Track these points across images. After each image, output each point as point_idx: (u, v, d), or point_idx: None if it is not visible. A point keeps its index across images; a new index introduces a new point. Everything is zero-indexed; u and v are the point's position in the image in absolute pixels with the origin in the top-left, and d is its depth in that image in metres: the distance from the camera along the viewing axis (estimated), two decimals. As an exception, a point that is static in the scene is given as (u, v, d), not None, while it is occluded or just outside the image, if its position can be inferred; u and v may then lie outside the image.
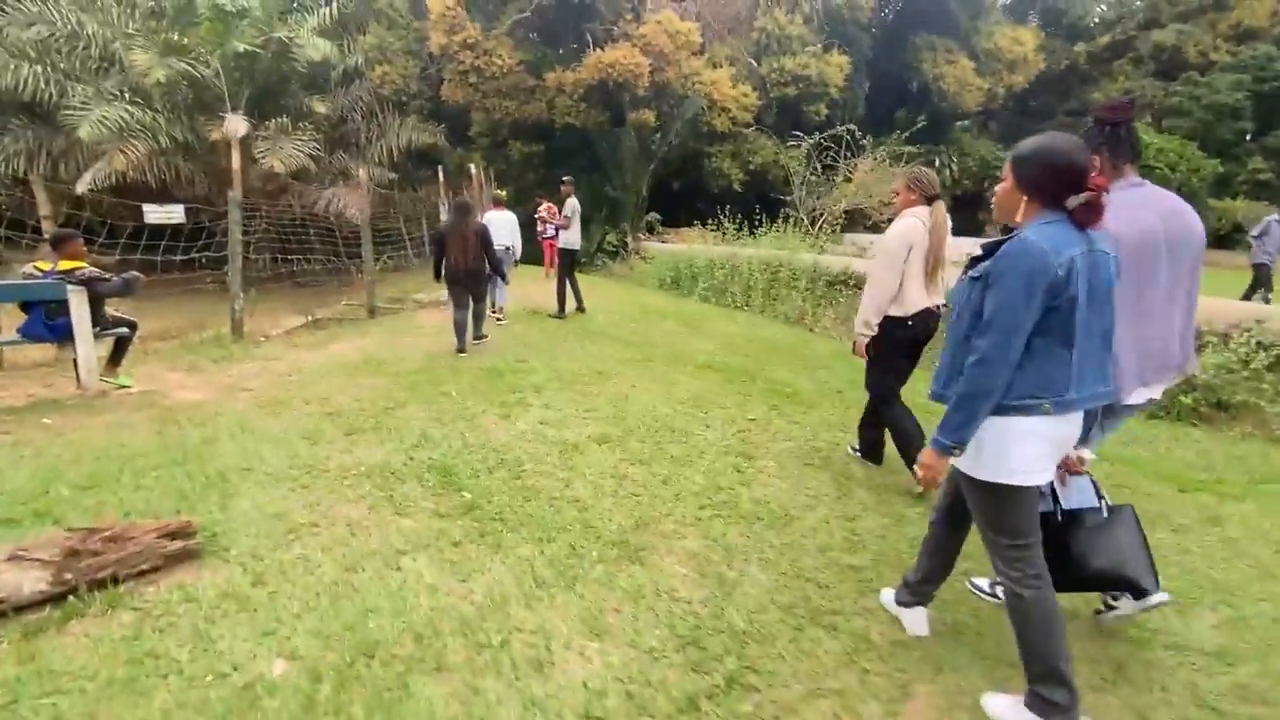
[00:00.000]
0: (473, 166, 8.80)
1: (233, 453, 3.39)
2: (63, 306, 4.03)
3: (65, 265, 4.11)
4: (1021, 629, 1.71)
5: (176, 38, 14.38)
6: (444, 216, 8.09)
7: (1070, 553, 1.94)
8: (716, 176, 21.04)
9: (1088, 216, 1.56)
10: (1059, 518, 1.99)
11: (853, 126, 14.24)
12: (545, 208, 10.58)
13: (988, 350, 1.57)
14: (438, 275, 5.78)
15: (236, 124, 14.09)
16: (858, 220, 14.36)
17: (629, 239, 18.24)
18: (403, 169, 18.57)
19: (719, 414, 4.27)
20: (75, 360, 4.29)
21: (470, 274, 5.69)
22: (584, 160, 20.87)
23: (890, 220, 3.26)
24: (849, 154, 13.93)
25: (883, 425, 3.36)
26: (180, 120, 14.82)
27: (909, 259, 2.96)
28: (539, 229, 10.76)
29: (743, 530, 2.77)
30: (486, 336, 6.18)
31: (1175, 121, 23.69)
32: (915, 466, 1.97)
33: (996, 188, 1.71)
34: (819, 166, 14.46)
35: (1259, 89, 22.59)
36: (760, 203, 16.31)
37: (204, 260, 7.60)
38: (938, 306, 3.09)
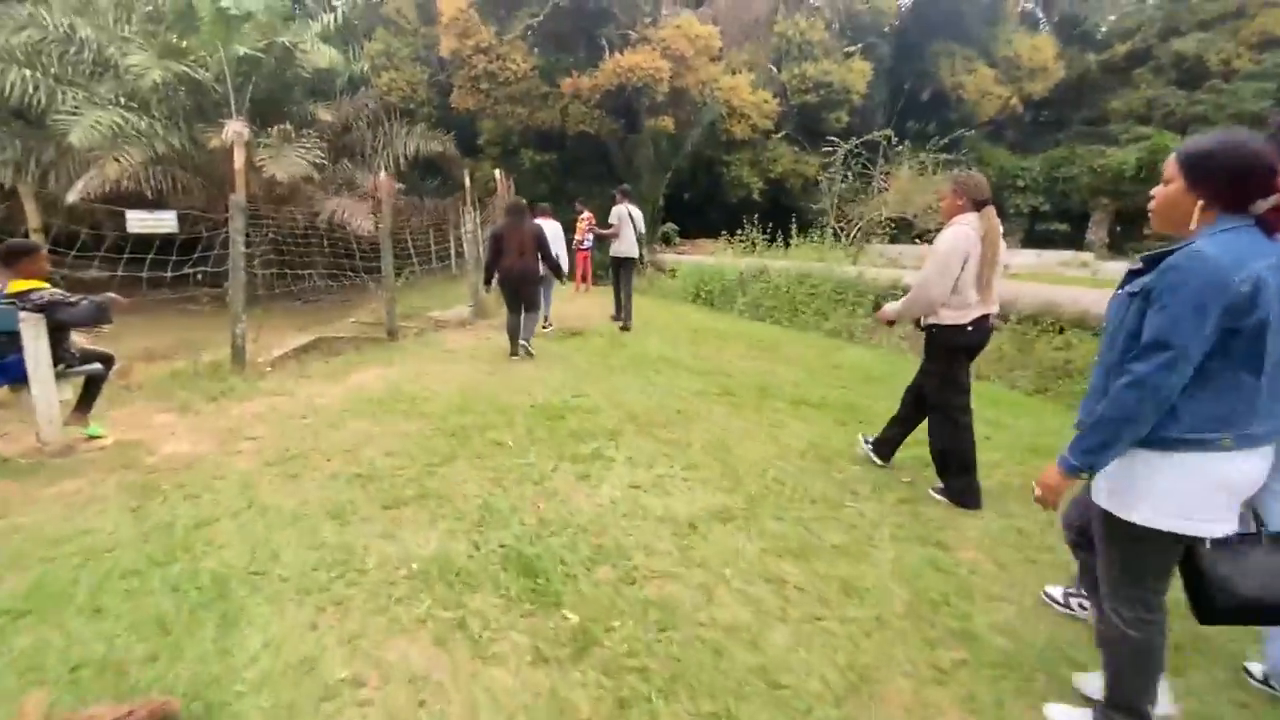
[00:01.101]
0: (497, 173, 7.97)
1: (236, 544, 2.48)
2: (13, 340, 3.13)
3: (18, 286, 3.20)
4: (1116, 663, 1.59)
5: (175, 40, 13.60)
6: (467, 227, 7.24)
7: (1212, 577, 1.54)
8: (735, 186, 20.28)
9: (1277, 221, 1.37)
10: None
11: (889, 132, 13.50)
12: (585, 218, 9.73)
13: (1145, 375, 1.38)
14: (489, 280, 5.66)
15: (237, 129, 13.31)
16: (903, 230, 13.56)
17: (646, 251, 17.41)
18: (410, 179, 17.81)
19: (858, 473, 3.37)
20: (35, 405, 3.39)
21: (525, 277, 5.53)
22: (598, 169, 20.10)
23: (939, 229, 3.11)
24: (884, 161, 13.17)
25: (910, 427, 3.29)
26: (178, 127, 14.03)
27: (964, 268, 2.84)
28: (576, 239, 9.90)
29: (1017, 690, 1.85)
30: (531, 351, 5.81)
31: (1200, 129, 23.08)
32: (1035, 485, 1.64)
33: (1155, 192, 1.48)
34: (851, 175, 13.67)
35: (1286, 96, 21.99)
36: (780, 213, 15.54)
37: (199, 276, 6.72)
38: (993, 315, 3.02)
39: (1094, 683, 1.73)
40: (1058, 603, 2.22)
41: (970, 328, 2.93)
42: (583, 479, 3.15)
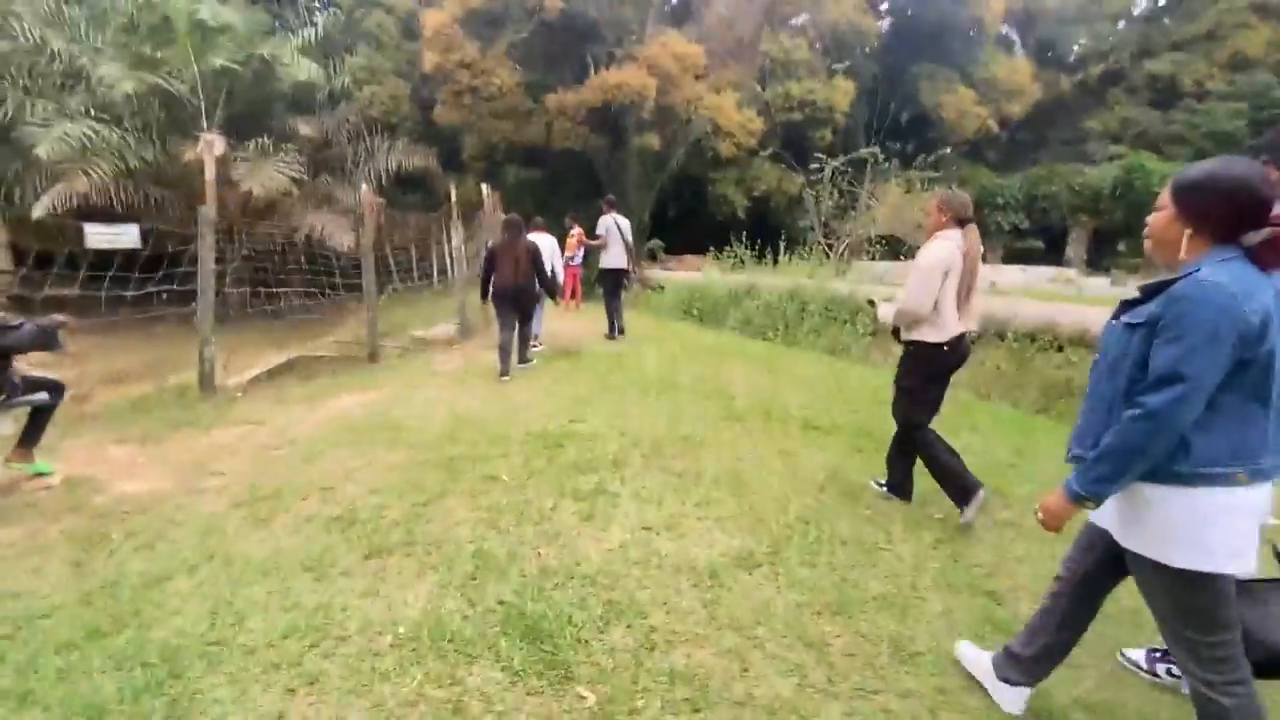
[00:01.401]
0: (485, 188, 7.71)
1: (193, 606, 2.15)
2: (-54, 369, 2.79)
3: (-47, 309, 2.88)
4: None
5: (150, 51, 13.25)
6: (454, 241, 6.97)
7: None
8: (720, 203, 20.27)
9: (1268, 257, 1.35)
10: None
11: (876, 150, 13.52)
12: (576, 233, 9.48)
13: (1160, 407, 1.34)
14: (485, 295, 5.67)
15: (208, 139, 12.94)
16: (891, 247, 13.53)
17: (635, 265, 17.23)
18: (391, 194, 17.50)
19: (885, 509, 3.12)
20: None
21: (520, 292, 5.54)
22: (583, 185, 19.96)
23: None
24: (870, 179, 13.18)
25: (911, 455, 3.19)
26: (151, 140, 13.62)
27: (944, 284, 2.88)
28: (566, 255, 9.64)
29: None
30: (533, 361, 6.01)
31: (1175, 149, 23.63)
32: (1038, 509, 1.62)
33: (1150, 219, 1.49)
34: (838, 192, 13.64)
35: (1258, 116, 22.62)
36: (764, 230, 15.46)
37: (165, 294, 6.33)
38: (971, 334, 3.06)
39: None
40: (1141, 668, 2.00)
41: (947, 347, 2.95)
42: (587, 519, 2.86)
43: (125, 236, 4.74)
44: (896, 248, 14.69)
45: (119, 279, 7.25)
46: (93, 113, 13.07)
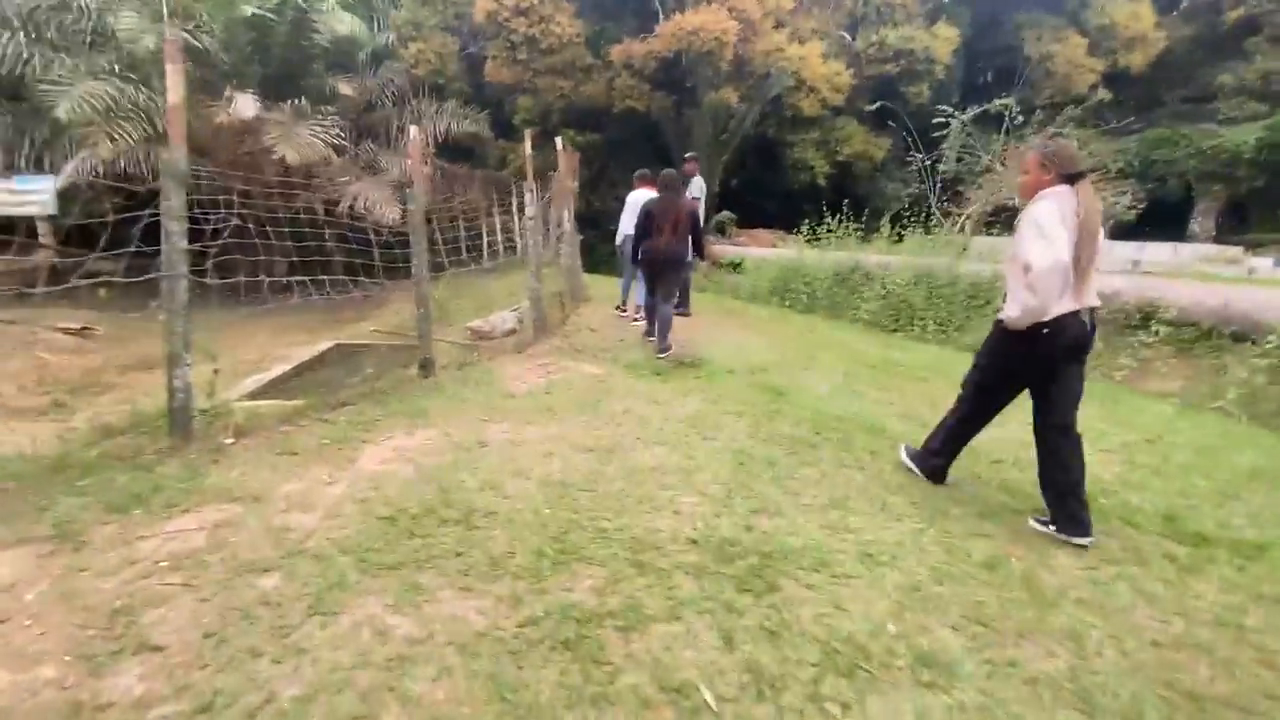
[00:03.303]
0: (559, 141, 6.06)
1: None
2: None
3: None
4: None
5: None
6: (529, 210, 5.36)
7: None
8: (798, 169, 18.07)
9: None
10: None
11: (1010, 101, 11.24)
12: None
13: None
14: (635, 259, 5.39)
15: (244, 104, 11.61)
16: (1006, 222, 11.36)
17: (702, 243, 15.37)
18: (437, 164, 16.03)
19: None
20: None
21: (673, 260, 5.15)
22: (644, 151, 18.03)
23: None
24: (1004, 137, 10.96)
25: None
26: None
27: None
28: None
29: None
30: (670, 348, 5.24)
31: (1331, 105, 20.19)
32: None
33: None
34: (964, 154, 11.46)
35: None
36: (843, 200, 13.27)
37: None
38: (1091, 311, 2.41)
39: None
40: None
41: (1047, 328, 2.35)
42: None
43: (34, 198, 3.26)
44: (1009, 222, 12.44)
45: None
46: (118, 71, 11.91)
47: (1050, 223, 2.29)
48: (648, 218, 5.19)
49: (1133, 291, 7.12)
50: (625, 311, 7.41)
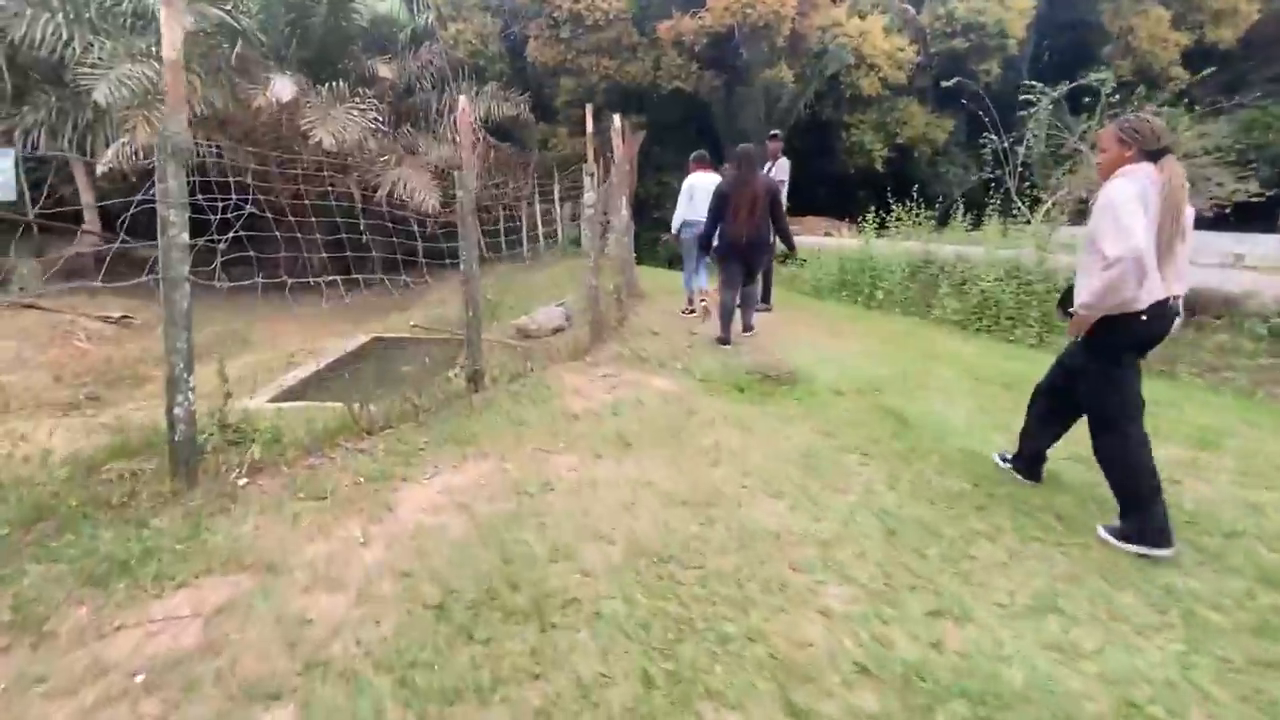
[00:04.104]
0: (616, 119, 5.38)
1: None
2: None
3: None
4: None
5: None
6: (588, 196, 4.71)
7: None
8: (854, 153, 16.97)
9: None
10: None
11: (1108, 75, 10.10)
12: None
13: None
14: (705, 247, 5.13)
15: (283, 86, 11.22)
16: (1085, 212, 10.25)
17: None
18: (490, 142, 15.51)
19: None
20: None
21: (753, 245, 4.75)
22: (689, 134, 17.21)
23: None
24: (1098, 117, 9.85)
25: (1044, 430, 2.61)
26: (220, 84, 12.05)
27: None
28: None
29: None
30: (755, 329, 5.16)
31: None
32: None
33: None
34: (1051, 133, 10.36)
35: None
36: (898, 187, 12.19)
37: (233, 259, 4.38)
38: (1176, 298, 2.26)
39: None
40: None
41: (1145, 315, 2.18)
42: None
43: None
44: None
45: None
46: (157, 54, 11.64)
47: (1127, 205, 2.12)
48: (722, 200, 4.73)
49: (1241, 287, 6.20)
50: (694, 309, 6.83)
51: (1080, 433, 2.44)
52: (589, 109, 4.75)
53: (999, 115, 11.74)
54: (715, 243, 4.84)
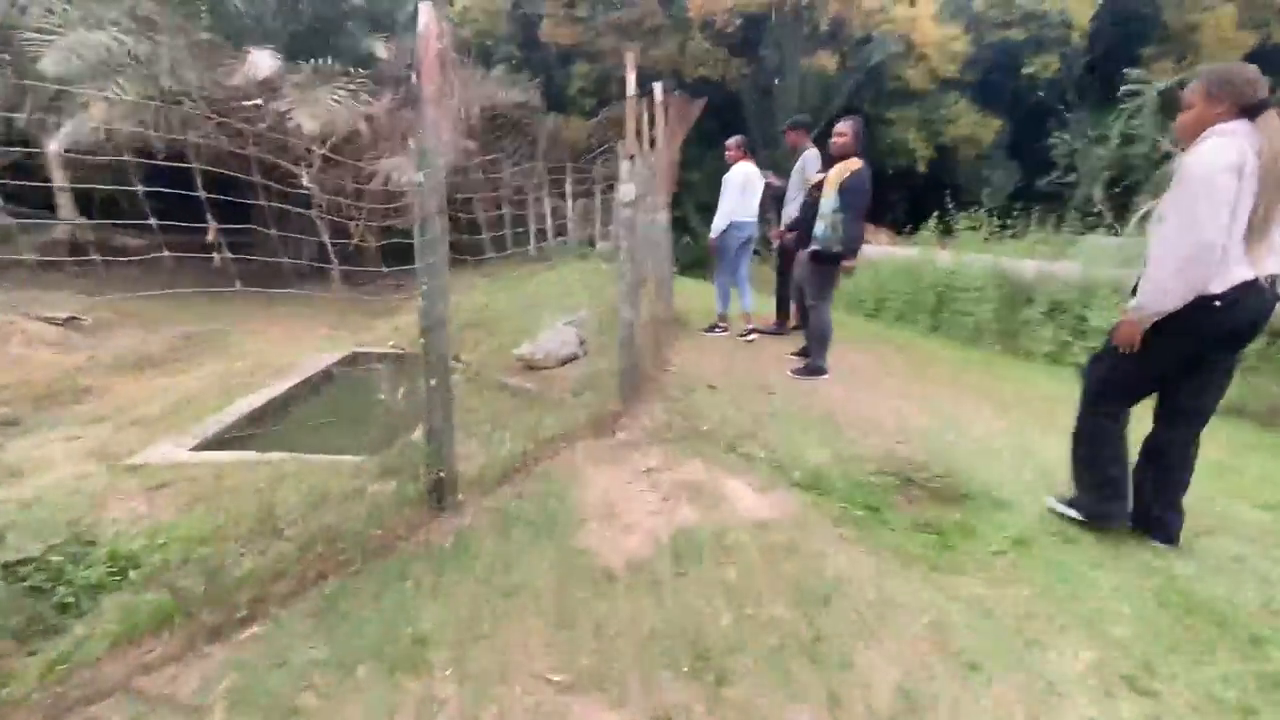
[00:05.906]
0: (657, 88, 3.96)
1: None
2: None
3: None
4: None
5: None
6: (624, 189, 3.20)
7: None
8: (896, 152, 15.46)
9: None
10: None
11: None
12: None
13: None
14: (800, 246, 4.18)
15: (261, 62, 9.86)
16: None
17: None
18: (484, 136, 14.14)
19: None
20: None
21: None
22: (714, 128, 15.78)
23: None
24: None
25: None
26: (194, 58, 10.68)
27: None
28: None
29: None
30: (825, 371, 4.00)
31: None
32: None
33: None
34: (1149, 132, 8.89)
35: None
36: (937, 191, 10.67)
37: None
38: (1270, 279, 1.84)
39: None
40: None
41: (1220, 301, 1.83)
42: None
43: None
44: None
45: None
46: (120, 23, 10.30)
47: (1210, 183, 1.76)
48: (815, 194, 4.04)
49: None
50: (724, 327, 5.51)
51: None
52: (629, 59, 3.28)
53: (1057, 112, 10.31)
54: (840, 249, 3.87)
